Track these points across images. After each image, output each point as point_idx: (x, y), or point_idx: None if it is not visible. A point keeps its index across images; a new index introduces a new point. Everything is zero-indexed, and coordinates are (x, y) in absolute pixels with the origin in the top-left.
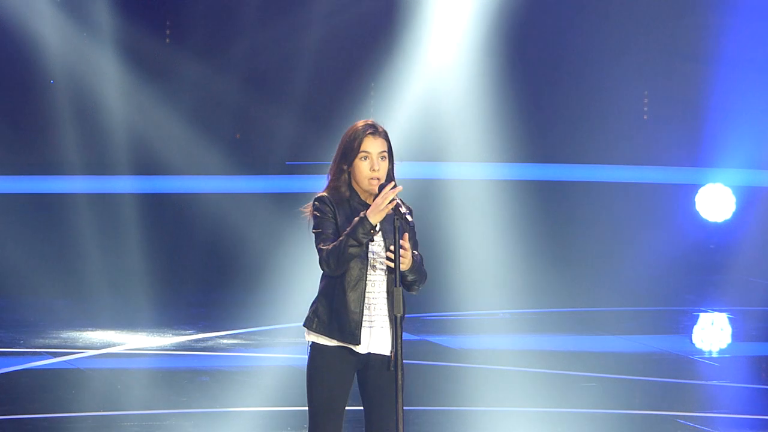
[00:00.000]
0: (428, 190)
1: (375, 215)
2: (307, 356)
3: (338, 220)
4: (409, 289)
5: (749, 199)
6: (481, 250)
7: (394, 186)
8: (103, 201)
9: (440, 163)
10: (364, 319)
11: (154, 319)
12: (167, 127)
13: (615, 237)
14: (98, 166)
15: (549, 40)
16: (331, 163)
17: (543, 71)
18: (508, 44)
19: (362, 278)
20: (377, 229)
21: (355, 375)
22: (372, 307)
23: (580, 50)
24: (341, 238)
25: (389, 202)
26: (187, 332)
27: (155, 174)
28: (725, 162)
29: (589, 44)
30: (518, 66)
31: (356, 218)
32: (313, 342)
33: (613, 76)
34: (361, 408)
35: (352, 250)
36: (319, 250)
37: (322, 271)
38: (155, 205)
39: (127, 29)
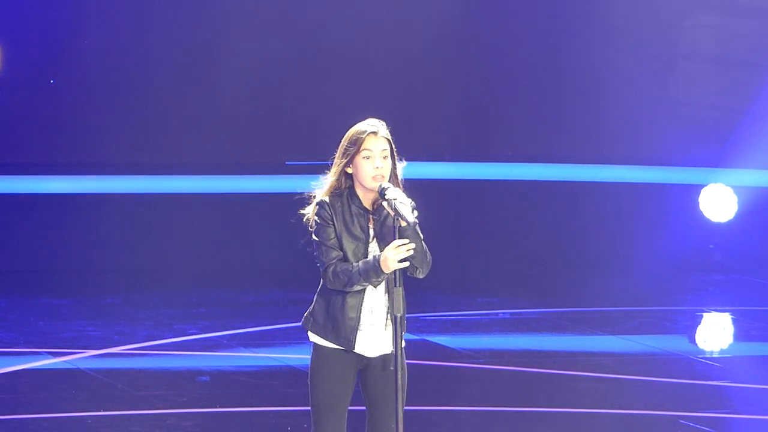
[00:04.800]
0: (430, 190)
1: (389, 266)
2: (310, 356)
3: (336, 226)
4: (414, 273)
5: (753, 200)
6: (481, 250)
7: (407, 240)
8: (99, 201)
9: (441, 162)
10: (365, 322)
11: (154, 318)
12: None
13: (615, 237)
14: (91, 165)
15: (549, 38)
16: (331, 163)
17: (543, 70)
18: (508, 42)
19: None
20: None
21: (357, 375)
22: (373, 310)
23: (580, 49)
24: (353, 271)
25: (401, 260)
26: (187, 332)
27: (154, 174)
28: (728, 162)
29: (590, 43)
30: (517, 65)
31: (371, 260)
32: (314, 342)
33: (614, 75)
34: (364, 408)
35: (358, 287)
36: (323, 264)
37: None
38: (154, 204)
39: None
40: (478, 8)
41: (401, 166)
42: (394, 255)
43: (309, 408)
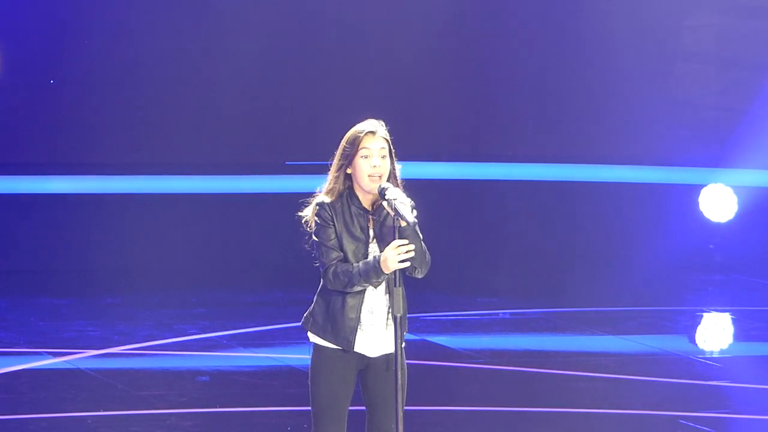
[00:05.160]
0: (429, 190)
1: (388, 266)
2: (310, 356)
3: (336, 227)
4: (413, 273)
5: (753, 200)
6: (481, 250)
7: (406, 242)
8: (99, 201)
9: (440, 162)
10: (365, 322)
11: (154, 318)
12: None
13: (615, 237)
14: (91, 165)
15: (549, 38)
16: (331, 163)
17: (543, 70)
18: (508, 42)
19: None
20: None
21: (358, 375)
22: (372, 310)
23: (580, 49)
24: (353, 271)
25: (401, 261)
26: (187, 332)
27: (154, 174)
28: (728, 162)
29: (590, 43)
30: (518, 64)
31: (371, 260)
32: (315, 342)
33: (614, 75)
34: (364, 408)
35: (359, 288)
36: (323, 265)
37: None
38: (154, 204)
39: None
40: (478, 8)
41: (398, 167)
42: (394, 255)
43: (309, 408)
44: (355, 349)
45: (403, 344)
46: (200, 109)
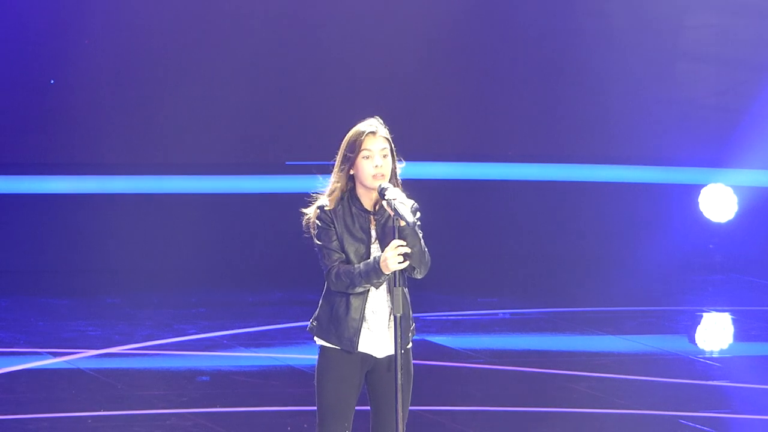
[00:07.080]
0: (430, 190)
1: (388, 266)
2: (317, 358)
3: (337, 229)
4: (413, 273)
5: (753, 200)
6: (481, 250)
7: (401, 243)
8: (99, 201)
9: (441, 162)
10: (368, 323)
11: (154, 318)
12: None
13: (615, 237)
14: (91, 165)
15: (550, 38)
16: (333, 164)
17: (543, 70)
18: (508, 42)
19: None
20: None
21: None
22: (375, 310)
23: (580, 49)
24: (354, 272)
25: (400, 261)
26: (187, 332)
27: (154, 174)
28: (728, 162)
29: (590, 43)
30: (518, 64)
31: (371, 261)
32: (320, 345)
33: (614, 75)
34: (368, 408)
35: (361, 289)
36: (326, 267)
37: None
38: (154, 204)
39: None
40: (479, 8)
41: (400, 166)
42: (394, 256)
43: (308, 408)
44: (360, 350)
45: (410, 345)
46: (200, 109)
